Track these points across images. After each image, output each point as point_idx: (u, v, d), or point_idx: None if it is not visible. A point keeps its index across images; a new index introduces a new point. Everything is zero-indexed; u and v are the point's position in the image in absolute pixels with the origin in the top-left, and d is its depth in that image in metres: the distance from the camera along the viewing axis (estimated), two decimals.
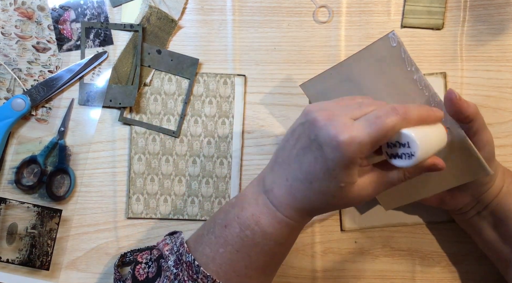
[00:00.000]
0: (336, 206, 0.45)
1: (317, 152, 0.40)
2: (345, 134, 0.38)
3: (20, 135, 0.60)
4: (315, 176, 0.41)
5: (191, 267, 0.45)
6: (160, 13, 0.61)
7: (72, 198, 0.60)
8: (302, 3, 0.62)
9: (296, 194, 0.43)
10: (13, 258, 0.58)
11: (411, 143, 0.40)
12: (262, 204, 0.44)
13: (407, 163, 0.41)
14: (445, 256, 0.61)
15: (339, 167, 0.40)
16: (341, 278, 0.61)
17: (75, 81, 0.61)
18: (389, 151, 0.43)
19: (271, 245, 0.45)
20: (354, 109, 0.41)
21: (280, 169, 0.44)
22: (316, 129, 0.40)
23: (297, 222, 0.45)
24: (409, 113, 0.41)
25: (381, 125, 0.39)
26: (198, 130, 0.61)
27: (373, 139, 0.39)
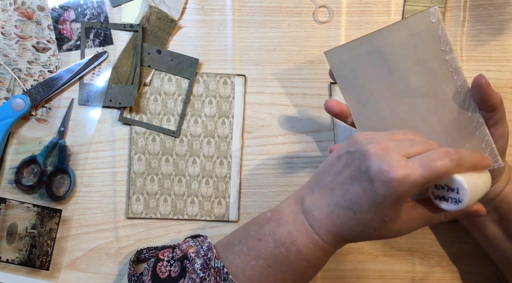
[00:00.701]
0: (374, 238, 0.45)
1: (366, 184, 0.41)
2: (398, 171, 0.39)
3: (20, 135, 0.60)
4: (360, 206, 0.41)
5: (220, 273, 0.46)
6: (160, 13, 0.61)
7: (72, 198, 0.60)
8: (302, 3, 0.62)
9: (337, 221, 0.43)
10: (13, 258, 0.58)
11: (460, 190, 0.41)
12: (300, 224, 0.44)
13: (453, 208, 0.42)
14: (445, 256, 0.61)
15: (387, 202, 0.40)
16: (341, 278, 0.61)
17: (75, 81, 0.61)
18: (436, 192, 0.44)
19: (303, 265, 0.45)
20: (408, 147, 0.42)
21: (321, 193, 0.44)
22: (368, 162, 0.40)
23: (332, 246, 0.45)
24: (463, 159, 0.41)
25: (435, 168, 0.39)
26: (198, 130, 0.61)
27: (425, 181, 0.39)
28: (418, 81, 0.48)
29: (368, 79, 0.51)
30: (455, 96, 0.47)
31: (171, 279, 0.49)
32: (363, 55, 0.50)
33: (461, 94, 0.47)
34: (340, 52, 0.52)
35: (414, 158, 0.40)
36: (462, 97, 0.47)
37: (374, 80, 0.51)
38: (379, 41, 0.49)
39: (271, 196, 0.61)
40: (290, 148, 0.61)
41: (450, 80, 0.47)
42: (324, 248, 0.44)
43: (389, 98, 0.50)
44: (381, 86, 0.50)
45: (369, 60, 0.50)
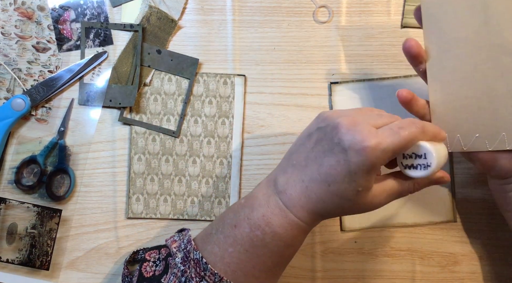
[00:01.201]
0: (348, 211, 0.45)
1: (340, 155, 0.42)
2: (371, 140, 0.41)
3: (20, 135, 0.60)
4: (334, 178, 0.42)
5: (199, 264, 0.46)
6: (160, 13, 0.61)
7: (72, 198, 0.60)
8: (302, 3, 0.62)
9: (312, 196, 0.44)
10: (13, 258, 0.58)
11: (428, 154, 0.44)
12: (274, 205, 0.45)
13: (423, 174, 0.44)
14: (445, 256, 0.61)
15: (361, 171, 0.41)
16: (341, 278, 0.61)
17: (75, 81, 0.61)
18: (404, 162, 0.45)
19: (280, 246, 0.45)
20: (376, 119, 0.44)
21: (294, 171, 0.45)
22: (340, 134, 0.42)
23: (308, 224, 0.45)
24: (426, 127, 0.44)
25: (404, 135, 0.42)
26: (198, 130, 0.61)
27: (396, 147, 0.42)
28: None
29: (459, 24, 0.48)
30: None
31: (155, 278, 0.50)
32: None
33: None
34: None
35: (384, 127, 0.43)
36: None
37: (465, 27, 0.48)
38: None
39: None
40: None
41: None
42: (300, 226, 0.45)
43: (476, 49, 0.48)
44: (471, 34, 0.48)
45: (467, 3, 0.47)
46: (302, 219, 0.45)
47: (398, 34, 0.62)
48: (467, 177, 0.61)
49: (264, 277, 0.46)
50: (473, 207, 0.61)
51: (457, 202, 0.61)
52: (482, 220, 0.61)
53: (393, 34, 0.62)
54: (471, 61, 0.48)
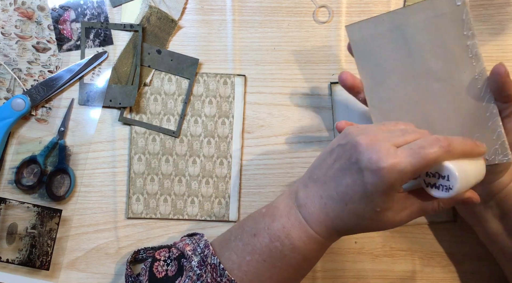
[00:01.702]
0: (367, 229, 0.45)
1: (356, 175, 0.41)
2: (387, 160, 0.39)
3: (20, 135, 0.60)
4: (351, 198, 0.42)
5: (216, 269, 0.46)
6: (160, 13, 0.61)
7: (72, 198, 0.60)
8: (302, 3, 0.62)
9: (330, 213, 0.43)
10: (13, 258, 0.58)
11: (451, 176, 0.41)
12: (294, 218, 0.45)
13: (444, 195, 0.42)
14: (445, 256, 0.61)
15: (377, 192, 0.40)
16: (341, 278, 0.61)
17: (75, 81, 0.61)
18: (427, 180, 0.44)
19: (298, 259, 0.45)
20: (398, 137, 0.42)
21: (314, 186, 0.44)
22: (358, 153, 0.41)
23: (326, 240, 0.45)
24: (453, 146, 0.41)
25: (424, 155, 0.40)
26: (198, 130, 0.61)
27: (415, 169, 0.40)
28: (436, 65, 0.48)
29: (386, 58, 0.50)
30: (471, 84, 0.46)
31: (168, 278, 0.49)
32: (384, 33, 0.50)
33: (478, 82, 0.46)
34: (361, 27, 0.51)
35: (404, 146, 0.41)
36: (479, 85, 0.46)
37: (392, 59, 0.50)
38: (402, 20, 0.48)
39: (271, 196, 0.61)
40: (290, 148, 0.61)
41: (469, 66, 0.46)
42: (319, 241, 0.45)
43: (405, 79, 0.50)
44: (399, 66, 0.50)
45: (389, 38, 0.49)
46: (321, 234, 0.44)
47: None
48: None
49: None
50: None
51: None
52: None
53: None
54: (403, 91, 0.50)
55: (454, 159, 0.42)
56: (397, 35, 0.49)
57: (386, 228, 0.44)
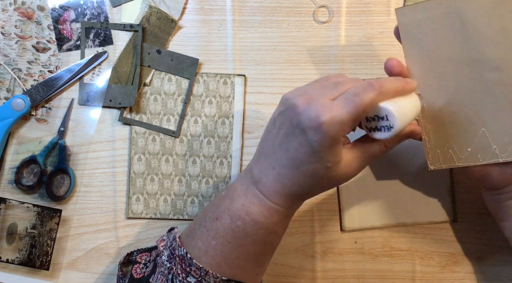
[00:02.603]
0: (325, 187, 0.46)
1: (300, 137, 0.42)
2: (325, 114, 0.40)
3: (20, 135, 0.60)
4: (301, 160, 0.42)
5: (184, 260, 0.46)
6: (160, 13, 0.61)
7: (72, 198, 0.60)
8: (302, 3, 0.62)
9: (285, 181, 0.44)
10: (13, 258, 0.58)
11: (389, 116, 0.43)
12: (252, 195, 0.45)
13: (387, 135, 0.43)
14: (445, 256, 0.61)
15: (323, 148, 0.41)
16: (341, 278, 0.61)
17: (75, 81, 0.61)
18: (368, 125, 0.45)
19: (262, 234, 0.45)
20: (332, 90, 0.43)
21: (266, 159, 0.45)
22: (297, 115, 0.42)
23: (287, 209, 0.45)
24: (385, 87, 0.43)
25: (359, 101, 0.41)
26: (198, 130, 0.61)
27: (353, 116, 0.41)
28: (494, 53, 0.46)
29: (439, 43, 0.48)
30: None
31: (144, 278, 0.50)
32: (439, 17, 0.47)
33: None
34: (414, 11, 0.49)
35: (339, 98, 0.42)
36: None
37: (445, 45, 0.48)
38: (461, 4, 0.46)
39: None
40: None
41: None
42: (279, 212, 0.45)
43: (458, 66, 0.48)
44: (452, 52, 0.48)
45: (445, 23, 0.47)
46: (280, 204, 0.45)
47: None
48: (467, 177, 0.61)
49: (250, 267, 0.47)
50: (473, 207, 0.61)
51: (457, 202, 0.61)
52: (482, 220, 0.61)
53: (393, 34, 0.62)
54: (455, 79, 0.49)
55: (388, 99, 0.43)
56: (454, 20, 0.47)
57: (342, 182, 0.45)
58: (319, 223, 0.61)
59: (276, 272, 0.60)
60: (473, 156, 0.50)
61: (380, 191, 0.61)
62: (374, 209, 0.61)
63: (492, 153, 0.49)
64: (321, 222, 0.61)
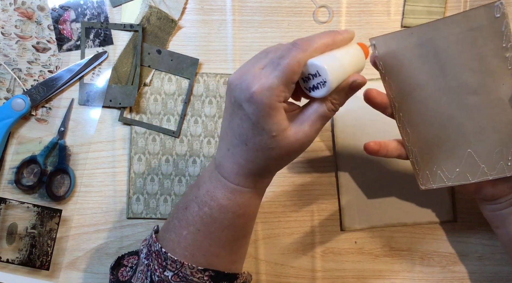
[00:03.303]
0: (281, 158, 0.44)
1: (240, 112, 0.41)
2: (254, 84, 0.39)
3: (20, 135, 0.60)
4: (246, 135, 0.42)
5: (159, 255, 0.46)
6: (160, 13, 0.61)
7: (72, 198, 0.60)
8: (302, 3, 0.62)
9: (239, 160, 0.43)
10: (13, 258, 0.58)
11: (319, 70, 0.41)
12: (215, 179, 0.45)
13: (325, 91, 0.41)
14: (445, 256, 0.61)
15: (262, 118, 0.40)
16: (341, 278, 0.61)
17: (75, 81, 0.61)
18: (306, 86, 0.43)
19: (229, 218, 0.45)
20: (262, 59, 0.42)
21: (222, 142, 0.45)
22: (232, 91, 0.41)
23: (251, 188, 0.45)
24: (311, 43, 0.41)
25: (285, 64, 0.39)
26: (198, 130, 0.61)
27: (282, 80, 0.39)
28: (471, 78, 0.47)
29: (415, 72, 0.49)
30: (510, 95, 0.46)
31: (128, 280, 0.50)
32: (413, 46, 0.48)
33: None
34: (388, 40, 0.49)
35: (268, 64, 0.41)
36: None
37: (422, 73, 0.48)
38: (432, 33, 0.47)
39: (271, 196, 0.61)
40: None
41: (508, 78, 0.45)
42: (243, 193, 0.44)
43: (437, 93, 0.49)
44: (429, 80, 0.48)
45: (419, 52, 0.48)
46: (243, 185, 0.44)
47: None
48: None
49: (224, 253, 0.46)
50: (473, 207, 0.61)
51: (457, 202, 0.61)
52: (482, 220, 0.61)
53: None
54: (435, 105, 0.49)
55: (319, 55, 0.42)
56: (427, 49, 0.47)
57: (297, 149, 0.43)
58: (319, 223, 0.61)
59: (276, 272, 0.60)
60: (462, 175, 0.50)
61: (380, 191, 0.61)
62: (374, 209, 0.61)
63: (481, 172, 0.49)
64: (321, 222, 0.61)
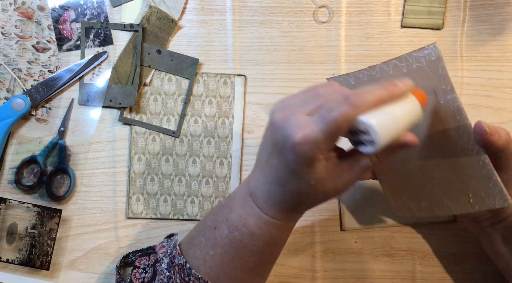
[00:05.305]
0: (316, 202, 0.44)
1: (280, 156, 0.40)
2: (297, 134, 0.38)
3: (20, 135, 0.60)
4: (284, 179, 0.41)
5: (183, 269, 0.46)
6: (160, 13, 0.61)
7: (72, 198, 0.60)
8: (302, 3, 0.62)
9: (274, 197, 0.43)
10: (13, 258, 0.58)
11: (369, 129, 0.39)
12: (248, 206, 0.44)
13: (371, 150, 0.40)
14: (445, 256, 0.61)
15: (302, 167, 0.39)
16: (341, 278, 0.61)
17: (75, 81, 0.61)
18: (353, 139, 0.41)
19: (259, 246, 0.45)
20: (310, 103, 0.40)
21: (259, 173, 0.44)
22: (275, 133, 0.40)
23: (283, 222, 0.45)
24: (365, 99, 0.39)
25: (332, 119, 0.37)
26: (198, 130, 0.61)
27: (327, 135, 0.38)
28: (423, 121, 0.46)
29: None
30: (459, 137, 0.45)
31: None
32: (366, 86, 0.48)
33: (465, 135, 0.45)
34: (342, 81, 0.50)
35: (316, 114, 0.39)
36: (466, 138, 0.45)
37: None
38: (378, 76, 0.47)
39: None
40: None
41: (453, 120, 0.45)
42: (276, 225, 0.44)
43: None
44: None
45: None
46: (276, 217, 0.44)
47: (398, 34, 0.62)
48: None
49: (248, 278, 0.46)
50: None
51: None
52: None
53: (393, 34, 0.62)
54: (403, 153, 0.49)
55: (372, 110, 0.39)
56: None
57: (334, 195, 0.43)
58: (319, 223, 0.61)
59: (276, 272, 0.60)
60: (429, 209, 0.51)
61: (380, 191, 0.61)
62: (374, 209, 0.61)
63: (446, 207, 0.50)
64: (321, 222, 0.61)
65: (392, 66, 0.46)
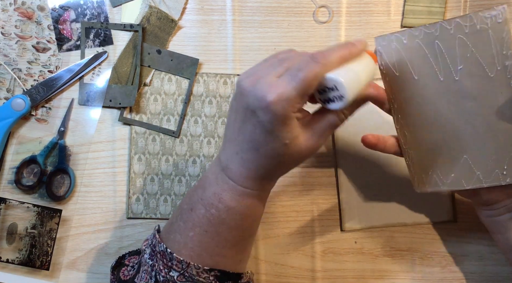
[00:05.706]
0: (290, 163, 0.45)
1: (253, 119, 0.41)
2: (271, 93, 0.40)
3: (20, 135, 0.60)
4: (259, 142, 0.42)
5: (165, 255, 0.46)
6: (160, 13, 0.61)
7: (72, 198, 0.60)
8: (302, 3, 0.62)
9: (249, 165, 0.44)
10: (13, 258, 0.58)
11: (337, 85, 0.41)
12: (222, 182, 0.45)
13: (341, 105, 0.42)
14: (445, 256, 0.61)
15: (276, 126, 0.41)
16: (341, 278, 0.61)
17: (75, 81, 0.61)
18: (321, 97, 0.43)
19: (237, 219, 0.45)
20: (277, 66, 0.42)
21: (230, 146, 0.45)
22: (246, 97, 0.41)
23: (259, 191, 0.46)
24: (329, 57, 0.42)
25: (303, 77, 0.40)
26: (198, 130, 0.61)
27: (299, 92, 0.40)
28: (471, 83, 0.46)
29: (416, 72, 0.48)
30: (508, 104, 0.45)
31: (130, 279, 0.50)
32: (416, 46, 0.47)
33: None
34: (392, 40, 0.49)
35: (284, 74, 0.41)
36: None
37: (422, 74, 0.48)
38: (437, 34, 0.46)
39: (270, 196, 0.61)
40: None
41: (506, 87, 0.45)
42: (251, 195, 0.45)
43: (436, 95, 0.48)
44: (430, 82, 0.48)
45: (422, 52, 0.47)
46: (251, 188, 0.45)
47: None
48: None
49: (230, 254, 0.47)
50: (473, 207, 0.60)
51: (457, 202, 0.61)
52: None
53: None
54: (433, 107, 0.49)
55: (336, 68, 0.42)
56: (430, 50, 0.47)
57: (306, 155, 0.44)
58: (319, 223, 0.61)
59: (276, 272, 0.60)
60: (457, 181, 0.50)
61: (380, 191, 0.61)
62: (374, 209, 0.61)
63: (476, 179, 0.49)
64: (321, 222, 0.61)
65: (455, 25, 0.46)
